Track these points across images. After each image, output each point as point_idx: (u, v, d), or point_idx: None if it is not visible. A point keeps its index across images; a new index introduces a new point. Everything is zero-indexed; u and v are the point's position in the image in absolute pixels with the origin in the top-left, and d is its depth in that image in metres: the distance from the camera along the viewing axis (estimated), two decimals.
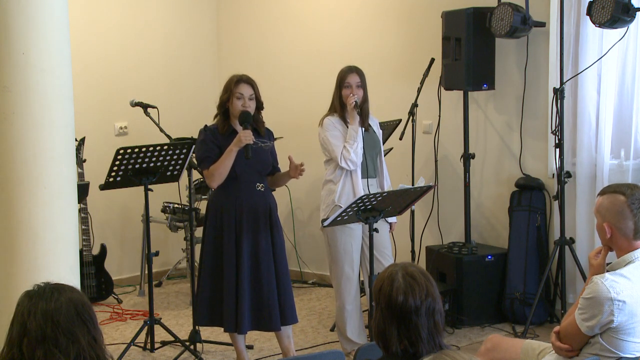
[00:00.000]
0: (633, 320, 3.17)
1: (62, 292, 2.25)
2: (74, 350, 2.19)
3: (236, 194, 4.69)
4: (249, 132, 4.57)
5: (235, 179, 4.68)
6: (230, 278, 4.65)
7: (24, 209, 3.91)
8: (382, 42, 6.64)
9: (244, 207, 4.68)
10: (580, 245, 5.54)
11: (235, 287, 4.65)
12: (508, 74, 5.93)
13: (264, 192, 4.75)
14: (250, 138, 4.56)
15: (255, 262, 4.68)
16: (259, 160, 4.70)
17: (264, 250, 4.69)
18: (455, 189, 6.12)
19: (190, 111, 7.46)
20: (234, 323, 4.67)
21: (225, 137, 4.67)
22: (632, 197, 3.24)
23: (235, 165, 4.63)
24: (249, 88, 4.70)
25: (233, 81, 4.71)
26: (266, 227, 4.72)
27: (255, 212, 4.69)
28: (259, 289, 4.67)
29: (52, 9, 3.93)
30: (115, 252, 6.90)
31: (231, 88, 4.69)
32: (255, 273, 4.68)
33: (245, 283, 4.64)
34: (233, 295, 4.65)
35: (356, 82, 5.04)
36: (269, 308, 4.68)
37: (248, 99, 4.67)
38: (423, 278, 2.48)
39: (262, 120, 4.83)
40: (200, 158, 4.72)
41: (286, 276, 4.79)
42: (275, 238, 4.76)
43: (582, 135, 5.54)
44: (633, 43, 5.36)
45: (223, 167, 4.62)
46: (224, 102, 4.73)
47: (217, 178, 4.65)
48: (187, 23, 7.54)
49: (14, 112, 3.86)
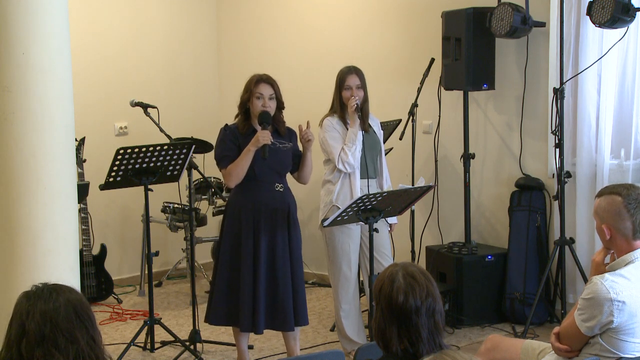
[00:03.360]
0: (633, 321, 3.17)
1: (61, 292, 2.25)
2: (73, 351, 2.19)
3: (254, 194, 4.66)
4: (267, 133, 4.56)
5: (254, 179, 4.65)
6: (248, 278, 4.62)
7: (24, 209, 3.91)
8: (382, 42, 6.64)
9: (262, 207, 4.65)
10: (580, 245, 5.54)
11: (253, 287, 4.62)
12: (508, 74, 5.93)
13: (283, 193, 4.71)
14: (267, 138, 4.55)
15: (272, 262, 4.66)
16: (277, 161, 4.68)
17: (281, 250, 4.67)
18: (455, 189, 6.12)
19: (190, 111, 7.46)
20: (250, 323, 4.64)
21: (245, 137, 4.65)
22: (629, 197, 3.24)
23: (254, 166, 4.61)
24: (269, 88, 4.68)
25: (253, 81, 4.69)
26: (284, 227, 4.69)
27: (274, 212, 4.66)
28: (275, 289, 4.65)
29: (52, 9, 3.93)
30: (115, 252, 6.90)
31: (251, 88, 4.67)
32: (272, 273, 4.65)
33: (262, 282, 4.61)
34: (250, 294, 4.62)
35: (356, 83, 5.03)
36: (283, 308, 4.66)
37: (268, 98, 4.65)
38: (423, 278, 2.49)
39: (283, 120, 4.79)
40: (219, 157, 4.71)
41: (301, 277, 4.77)
42: (292, 239, 4.73)
43: (582, 135, 5.54)
44: (633, 43, 5.35)
45: (240, 167, 4.60)
46: (245, 102, 4.71)
47: (234, 177, 4.63)
48: (187, 23, 7.54)
49: (14, 112, 3.87)
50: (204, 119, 7.51)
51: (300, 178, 4.90)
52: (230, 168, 4.63)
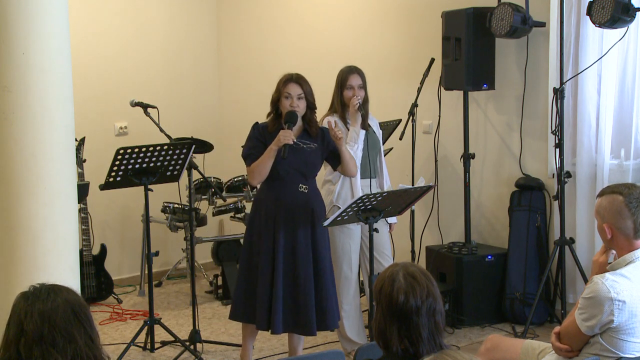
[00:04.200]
0: (633, 320, 3.17)
1: (59, 292, 2.26)
2: (71, 350, 2.20)
3: (277, 193, 4.63)
4: (289, 132, 4.51)
5: (277, 179, 4.62)
6: (266, 276, 4.58)
7: (24, 209, 3.91)
8: (382, 42, 6.64)
9: (283, 206, 4.61)
10: (580, 245, 5.54)
11: (270, 285, 4.57)
12: (508, 74, 5.93)
13: (307, 194, 4.66)
14: (289, 138, 4.50)
15: (293, 262, 4.59)
16: (302, 161, 4.63)
17: (302, 250, 4.60)
18: (455, 189, 6.12)
19: (190, 111, 7.46)
20: (266, 321, 4.59)
21: (272, 136, 4.60)
22: (630, 197, 3.25)
23: (277, 165, 4.57)
24: (297, 87, 4.64)
25: (282, 81, 4.68)
26: (306, 227, 4.62)
27: (294, 212, 4.61)
28: (296, 290, 4.58)
29: (52, 9, 3.93)
30: (115, 252, 6.90)
31: (280, 87, 4.67)
32: (293, 273, 4.59)
33: (280, 282, 4.55)
34: (267, 293, 4.57)
35: (358, 83, 5.04)
36: (305, 310, 4.58)
37: (296, 98, 4.62)
38: (424, 278, 2.49)
39: (316, 121, 4.75)
40: (245, 155, 4.69)
41: (327, 278, 4.67)
42: (317, 239, 4.66)
43: (582, 135, 5.54)
44: (633, 43, 5.35)
45: (262, 165, 4.57)
46: (275, 101, 4.70)
47: (256, 175, 4.61)
48: (187, 23, 7.54)
49: (14, 112, 3.87)
50: (204, 119, 7.51)
51: (344, 172, 4.84)
52: (253, 166, 4.61)
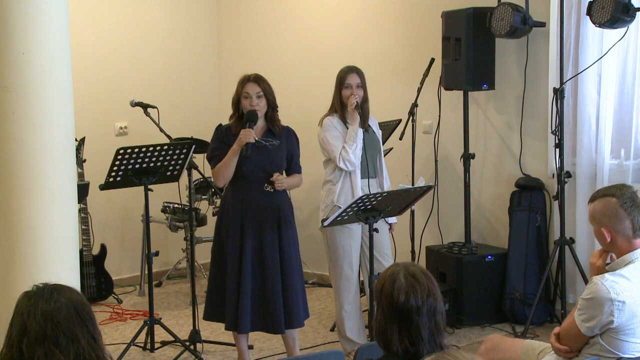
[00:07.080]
0: (633, 321, 3.17)
1: (62, 292, 2.26)
2: (74, 350, 2.20)
3: (243, 194, 4.67)
4: (250, 131, 4.56)
5: (243, 178, 4.66)
6: (233, 276, 4.64)
7: (24, 209, 3.91)
8: (382, 42, 6.64)
9: (249, 206, 4.66)
10: (580, 245, 5.54)
11: (237, 285, 4.63)
12: (508, 74, 5.93)
13: (272, 193, 4.69)
14: (250, 137, 4.55)
15: (260, 262, 4.65)
16: (267, 161, 4.67)
17: (269, 250, 4.66)
18: (455, 189, 6.12)
19: (190, 111, 7.46)
20: (234, 321, 4.66)
21: (235, 137, 4.64)
22: (623, 197, 3.26)
23: (243, 166, 4.61)
24: (255, 86, 4.67)
25: (240, 81, 4.72)
26: (273, 227, 4.67)
27: (261, 211, 4.66)
28: (263, 289, 4.65)
29: (52, 9, 3.93)
30: (115, 252, 6.90)
31: (238, 88, 4.70)
32: (260, 273, 4.65)
33: (248, 282, 4.62)
34: (235, 293, 4.64)
35: (356, 82, 5.04)
36: (273, 309, 4.65)
37: (255, 97, 4.65)
38: (425, 278, 2.49)
39: (278, 119, 4.78)
40: (209, 156, 4.74)
41: (294, 277, 4.72)
42: (284, 238, 4.71)
43: (582, 135, 5.54)
44: (633, 43, 5.36)
45: (225, 166, 4.61)
46: (236, 103, 4.73)
47: (221, 177, 4.65)
48: (187, 23, 7.53)
49: (14, 112, 3.86)
50: (204, 119, 7.50)
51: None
52: (217, 167, 4.65)
